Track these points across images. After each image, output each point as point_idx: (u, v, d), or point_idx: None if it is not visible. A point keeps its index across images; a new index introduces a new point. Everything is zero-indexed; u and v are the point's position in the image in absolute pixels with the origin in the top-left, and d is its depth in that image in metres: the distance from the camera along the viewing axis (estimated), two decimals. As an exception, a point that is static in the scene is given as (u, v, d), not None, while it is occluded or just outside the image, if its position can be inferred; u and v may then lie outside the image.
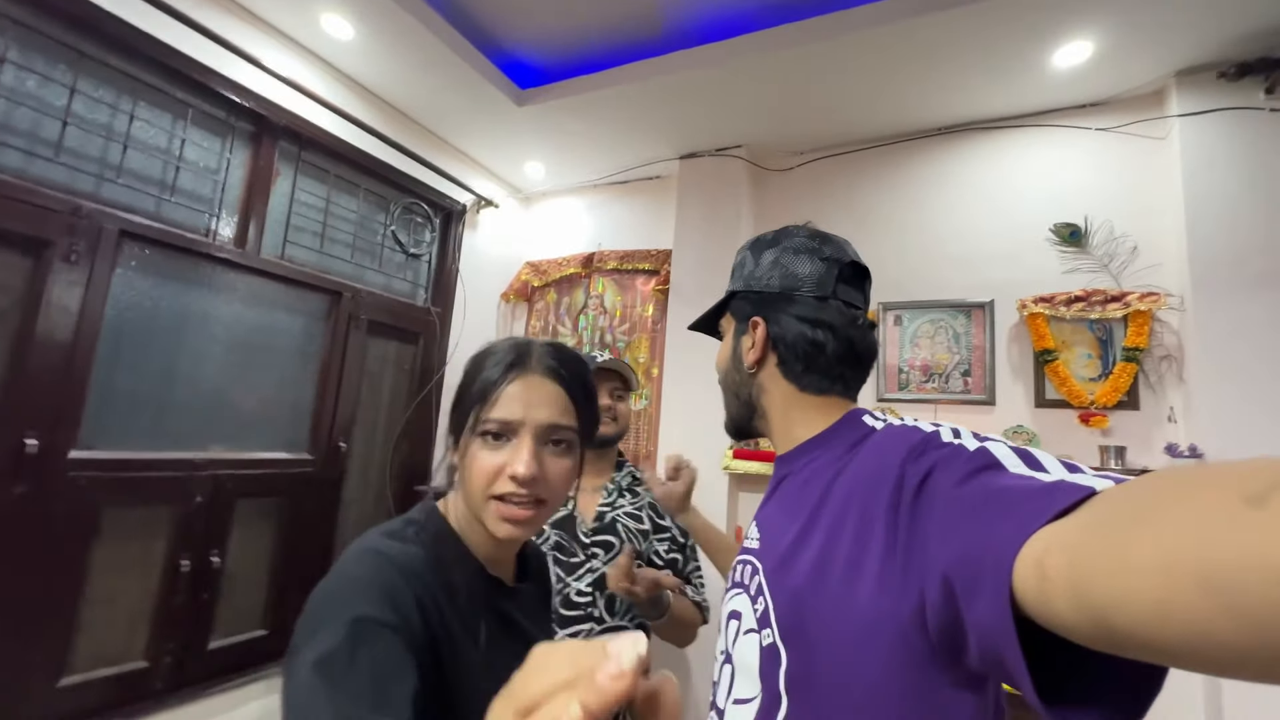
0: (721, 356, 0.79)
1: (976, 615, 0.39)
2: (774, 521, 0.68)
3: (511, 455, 0.62)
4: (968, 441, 0.51)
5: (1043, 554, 0.33)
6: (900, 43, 1.83)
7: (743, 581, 0.67)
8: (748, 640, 0.61)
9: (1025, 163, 2.14)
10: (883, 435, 0.60)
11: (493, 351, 0.67)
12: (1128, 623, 0.27)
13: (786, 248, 0.73)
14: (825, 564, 0.55)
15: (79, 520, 1.52)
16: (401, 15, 1.86)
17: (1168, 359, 1.84)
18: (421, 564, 0.60)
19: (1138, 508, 0.30)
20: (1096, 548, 0.30)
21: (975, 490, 0.44)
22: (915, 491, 0.49)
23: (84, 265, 1.53)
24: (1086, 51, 1.79)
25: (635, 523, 1.35)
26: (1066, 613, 0.31)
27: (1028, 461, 0.45)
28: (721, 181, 2.52)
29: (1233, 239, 1.74)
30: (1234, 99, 1.77)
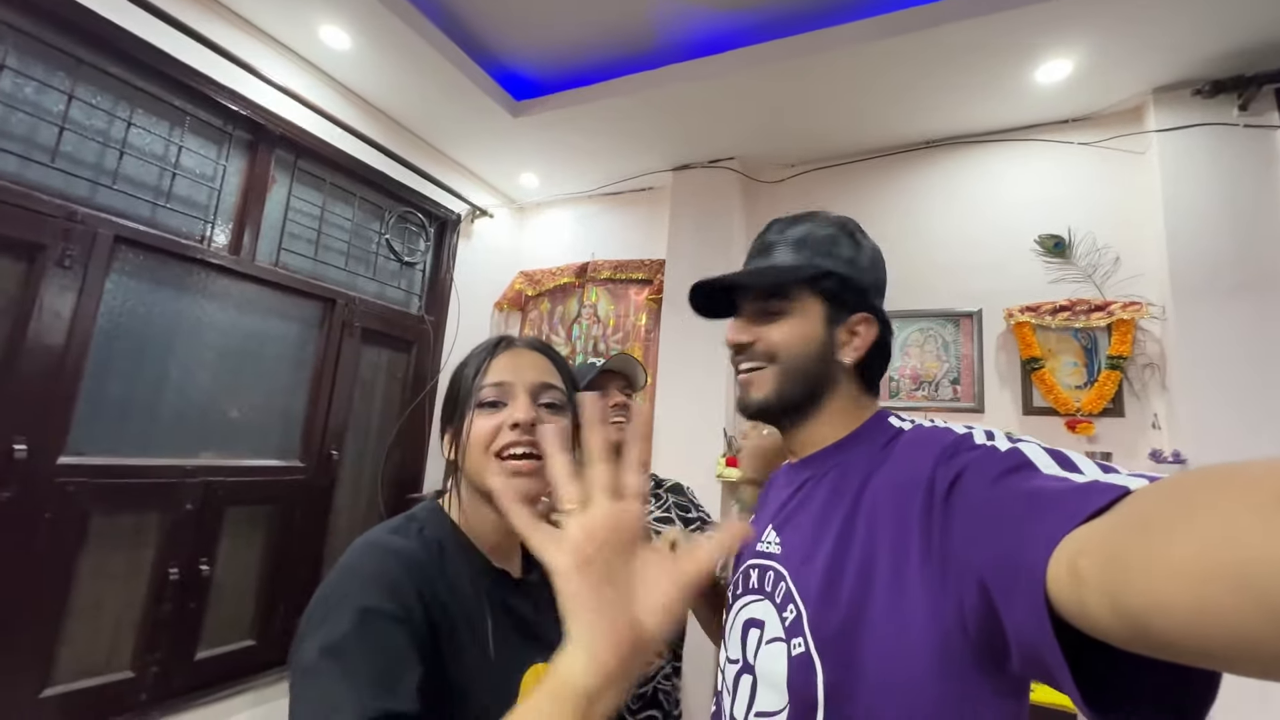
0: (803, 337, 0.68)
1: (1015, 619, 0.39)
2: (800, 527, 0.65)
3: (508, 411, 0.67)
4: (1000, 442, 0.50)
5: (1075, 556, 0.33)
6: (888, 59, 1.88)
7: (763, 588, 0.65)
8: (773, 649, 0.59)
9: (1010, 175, 2.19)
10: (913, 436, 0.60)
11: (479, 346, 0.74)
12: (1164, 626, 0.27)
13: (875, 246, 0.72)
14: (868, 573, 0.53)
15: (66, 527, 1.50)
16: (399, 27, 1.89)
17: (1150, 367, 1.88)
18: (423, 558, 0.61)
19: (1170, 508, 0.29)
20: (1129, 550, 0.29)
21: (1007, 492, 0.43)
22: (946, 494, 0.49)
23: (77, 270, 1.53)
24: (1066, 69, 1.85)
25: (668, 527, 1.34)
26: (1103, 617, 0.30)
27: (1061, 462, 0.44)
28: (714, 193, 2.55)
29: (1211, 250, 1.79)
30: (1209, 115, 1.83)
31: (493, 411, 0.67)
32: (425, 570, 0.60)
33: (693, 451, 2.32)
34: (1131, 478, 0.37)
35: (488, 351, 0.71)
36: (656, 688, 1.19)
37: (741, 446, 1.11)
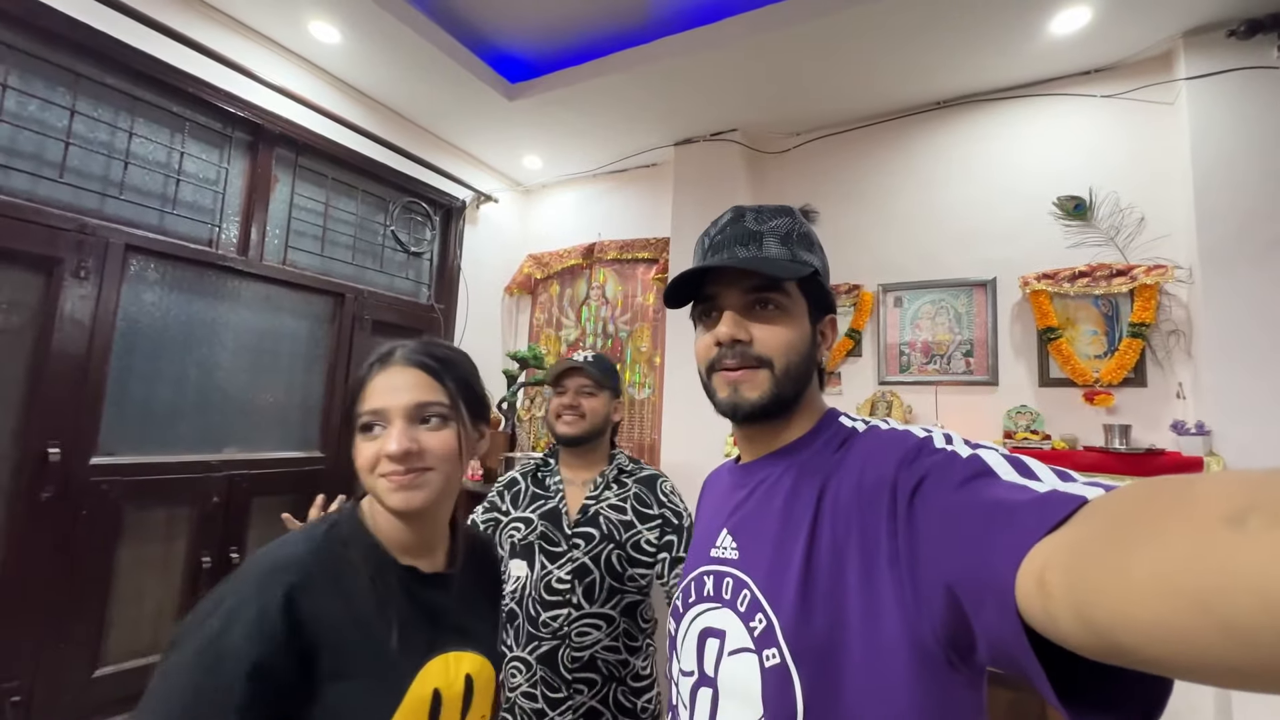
0: (794, 336, 0.67)
1: (986, 626, 0.40)
2: (759, 532, 0.63)
3: (383, 440, 0.68)
4: (960, 448, 0.51)
5: (1041, 570, 0.34)
6: (891, 17, 1.78)
7: (720, 596, 0.63)
8: (739, 661, 0.58)
9: (1026, 135, 2.07)
10: (870, 439, 0.59)
11: (367, 360, 0.74)
12: (1132, 641, 0.28)
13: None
14: (839, 579, 0.53)
15: (104, 523, 1.61)
16: (386, 18, 1.87)
17: (1176, 334, 1.79)
18: (313, 568, 0.65)
19: (1128, 522, 0.30)
20: (1093, 566, 0.30)
21: (970, 498, 0.44)
22: (909, 498, 0.49)
23: (93, 280, 1.60)
24: (1085, 17, 1.72)
25: (618, 514, 1.37)
26: (1072, 630, 0.31)
27: (1020, 469, 0.45)
28: (717, 167, 2.49)
29: (1242, 206, 1.67)
30: (1245, 59, 1.69)
31: (372, 436, 0.68)
32: (312, 585, 0.64)
33: (700, 430, 2.32)
34: (1087, 486, 0.39)
35: (365, 369, 0.72)
36: (595, 655, 1.26)
37: None
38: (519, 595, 1.30)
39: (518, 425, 2.72)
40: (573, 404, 1.37)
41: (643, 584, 1.35)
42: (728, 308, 0.66)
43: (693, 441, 2.34)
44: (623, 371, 2.71)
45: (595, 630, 1.27)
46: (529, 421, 2.78)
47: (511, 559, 1.33)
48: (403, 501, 0.68)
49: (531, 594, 1.28)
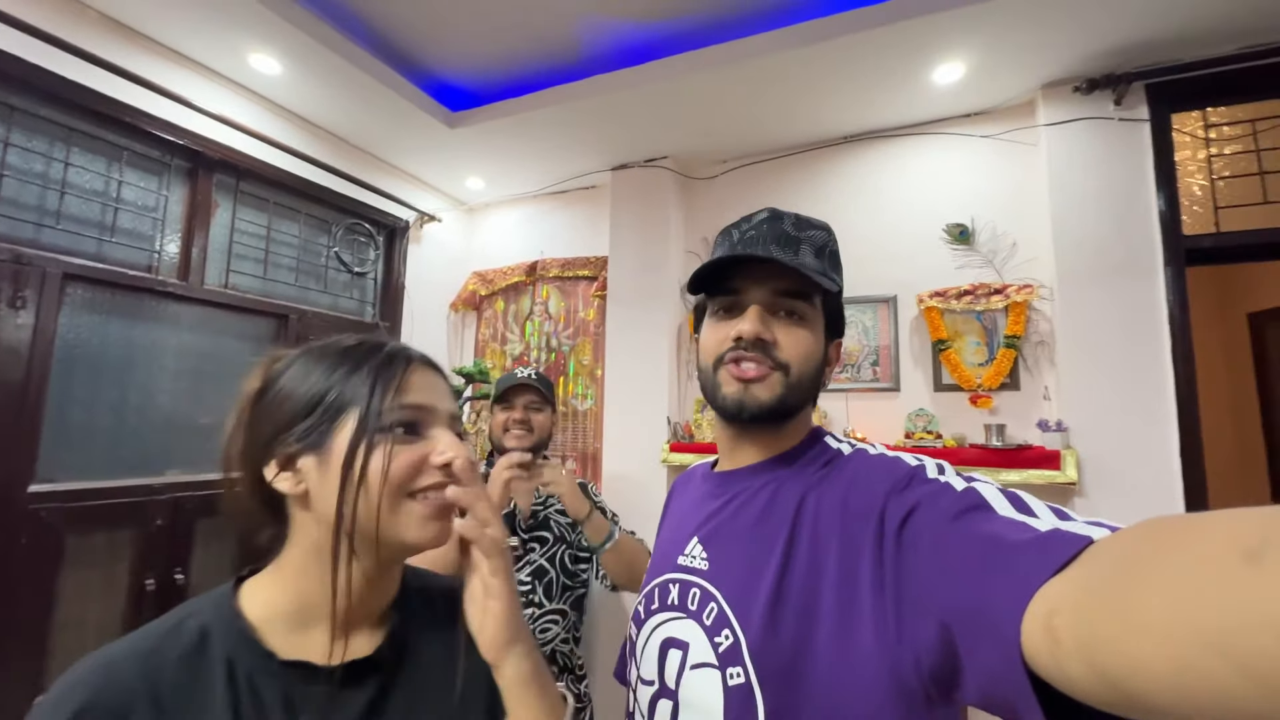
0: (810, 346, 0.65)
1: (982, 666, 0.39)
2: (731, 545, 0.61)
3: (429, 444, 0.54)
4: (953, 480, 0.50)
5: (1049, 615, 0.33)
6: (798, 65, 2.00)
7: (685, 606, 0.61)
8: (701, 676, 0.56)
9: (919, 168, 2.34)
10: (859, 462, 0.58)
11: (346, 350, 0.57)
12: (1144, 689, 0.26)
13: None
14: (813, 602, 0.52)
15: (43, 550, 1.62)
16: (325, 53, 1.95)
17: (1042, 344, 2.07)
18: (125, 690, 0.46)
19: (1139, 564, 0.29)
20: (1104, 611, 0.29)
21: (966, 533, 0.43)
22: (899, 527, 0.48)
23: (30, 309, 1.61)
24: (960, 71, 1.99)
25: (564, 517, 1.52)
26: (1082, 678, 0.30)
27: (1017, 505, 0.44)
28: (651, 190, 2.67)
29: (1091, 235, 1.97)
30: (1089, 110, 1.99)
31: (406, 440, 0.52)
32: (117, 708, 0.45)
33: (638, 438, 2.48)
34: (1090, 526, 0.38)
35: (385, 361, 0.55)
36: (555, 649, 1.39)
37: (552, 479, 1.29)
38: None
39: (464, 438, 2.80)
40: (522, 419, 1.47)
41: (584, 578, 1.50)
42: (756, 303, 0.63)
43: (631, 449, 2.50)
44: (566, 384, 2.84)
45: (554, 625, 1.40)
46: (476, 435, 2.87)
47: None
48: (441, 536, 0.53)
49: None
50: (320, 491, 0.51)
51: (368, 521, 0.51)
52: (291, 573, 0.54)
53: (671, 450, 2.41)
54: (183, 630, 0.50)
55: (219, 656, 0.49)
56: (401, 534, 0.52)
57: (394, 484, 0.51)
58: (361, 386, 0.53)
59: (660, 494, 2.42)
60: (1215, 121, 1.93)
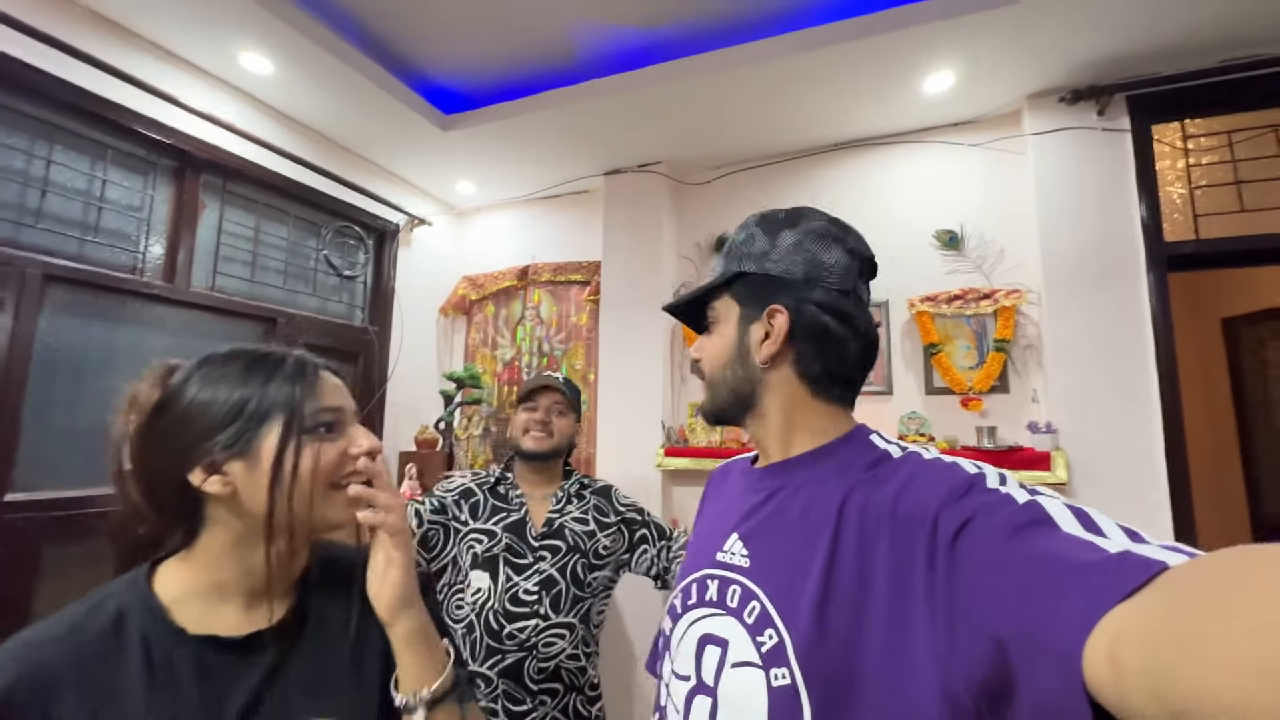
0: (720, 347, 0.68)
1: (1039, 688, 0.37)
2: (773, 540, 0.60)
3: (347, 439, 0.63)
4: (1015, 491, 0.47)
5: (1115, 642, 0.32)
6: (792, 73, 2.03)
7: (725, 603, 0.60)
8: (744, 675, 0.55)
9: (910, 175, 2.38)
10: (911, 466, 0.56)
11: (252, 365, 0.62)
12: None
13: (809, 230, 0.65)
14: (861, 607, 0.51)
15: (21, 561, 1.56)
16: (319, 52, 1.92)
17: (1030, 348, 2.11)
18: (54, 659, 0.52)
19: (1217, 594, 0.28)
20: (1175, 641, 0.28)
21: (1029, 550, 0.41)
22: (953, 536, 0.46)
23: (8, 310, 1.56)
24: (949, 80, 2.03)
25: (581, 525, 1.43)
26: (1145, 708, 0.29)
27: (1084, 522, 0.42)
28: (644, 195, 2.67)
29: (1076, 242, 2.02)
30: (1073, 120, 2.04)
31: (328, 438, 0.61)
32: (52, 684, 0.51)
33: (632, 443, 2.47)
34: (1165, 550, 0.36)
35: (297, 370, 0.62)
36: (559, 665, 1.29)
37: None
38: (479, 608, 1.28)
39: (455, 444, 2.77)
40: (544, 420, 1.41)
41: (598, 587, 1.40)
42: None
43: (625, 454, 2.48)
44: (558, 389, 2.82)
45: (560, 640, 1.30)
46: (466, 440, 2.83)
47: (472, 570, 1.32)
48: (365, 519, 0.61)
49: (495, 606, 1.27)
50: (249, 489, 0.57)
51: (301, 510, 0.58)
52: (206, 559, 0.60)
53: (666, 455, 2.40)
54: (100, 611, 0.56)
55: (135, 633, 0.55)
56: (331, 517, 0.61)
57: (324, 476, 0.60)
58: (279, 394, 0.60)
59: (655, 496, 2.41)
60: (1193, 133, 2.00)
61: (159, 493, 0.59)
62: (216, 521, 0.60)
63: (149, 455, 0.60)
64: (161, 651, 0.55)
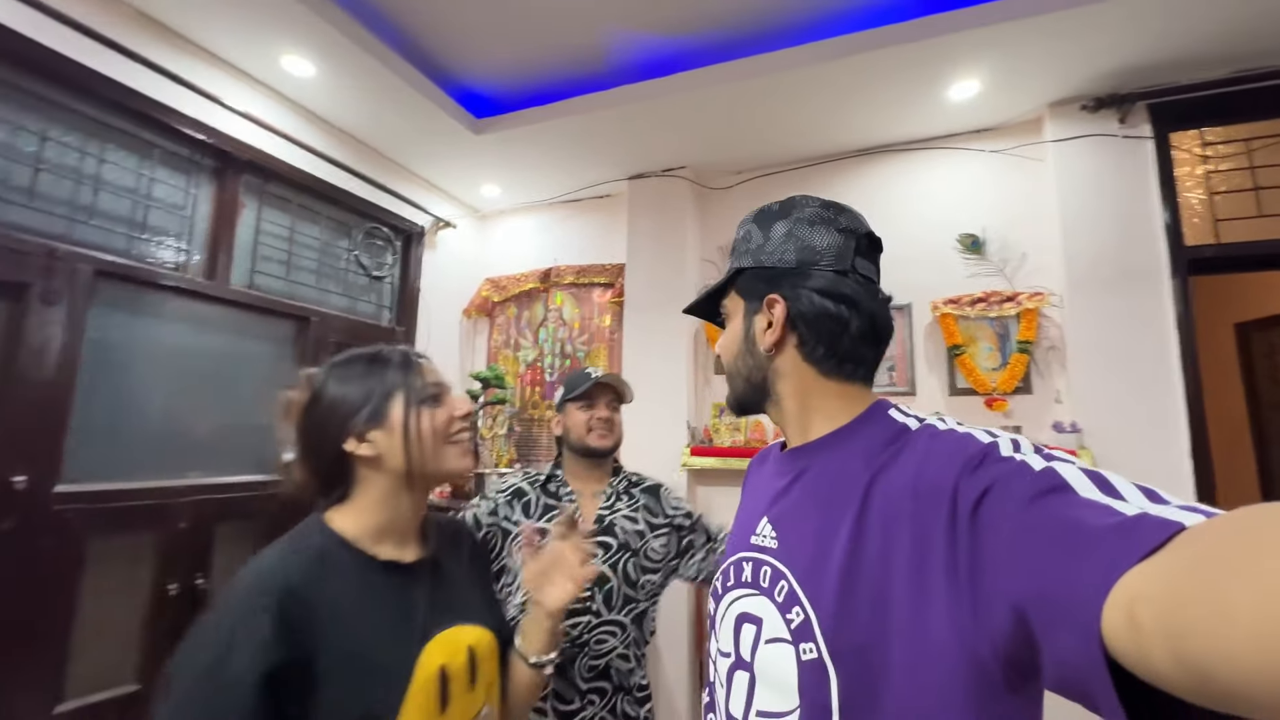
0: (730, 340, 0.72)
1: (1059, 652, 0.38)
2: (799, 522, 0.62)
3: (449, 405, 0.83)
4: (1030, 458, 0.48)
5: (1133, 602, 0.32)
6: (820, 81, 2.08)
7: (758, 583, 0.62)
8: (776, 650, 0.57)
9: (933, 181, 2.43)
10: (928, 438, 0.57)
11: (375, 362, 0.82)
12: (1230, 681, 0.26)
13: (799, 218, 0.67)
14: (885, 583, 0.51)
15: (67, 552, 1.57)
16: (361, 55, 1.97)
17: (1053, 349, 2.15)
18: (297, 580, 0.69)
19: (1235, 552, 0.28)
20: (1193, 599, 0.28)
21: (1046, 516, 0.41)
22: (973, 508, 0.47)
23: (61, 305, 1.58)
24: (975, 88, 2.08)
25: (631, 524, 1.42)
26: (1164, 667, 0.29)
27: (1101, 486, 0.42)
28: (668, 199, 2.72)
29: (1097, 246, 2.06)
30: (1095, 127, 2.10)
31: (437, 405, 0.80)
32: (299, 595, 0.68)
33: (658, 443, 2.50)
34: (1183, 511, 0.36)
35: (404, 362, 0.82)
36: (610, 664, 1.29)
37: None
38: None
39: (481, 444, 2.79)
40: (607, 417, 1.41)
41: (651, 590, 1.40)
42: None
43: (650, 454, 2.50)
44: (581, 390, 2.85)
45: (611, 637, 1.29)
46: (491, 440, 2.85)
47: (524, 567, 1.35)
48: (469, 462, 0.85)
49: None
50: (387, 449, 0.77)
51: (427, 460, 0.78)
52: (364, 508, 0.79)
53: (692, 454, 2.43)
54: (306, 548, 0.74)
55: (337, 559, 0.74)
56: (448, 465, 0.81)
57: (438, 434, 0.79)
58: (396, 377, 0.80)
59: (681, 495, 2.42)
60: (1211, 140, 2.05)
61: (323, 463, 0.79)
62: (366, 479, 0.79)
63: (312, 437, 0.79)
64: (360, 571, 0.75)
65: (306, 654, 0.67)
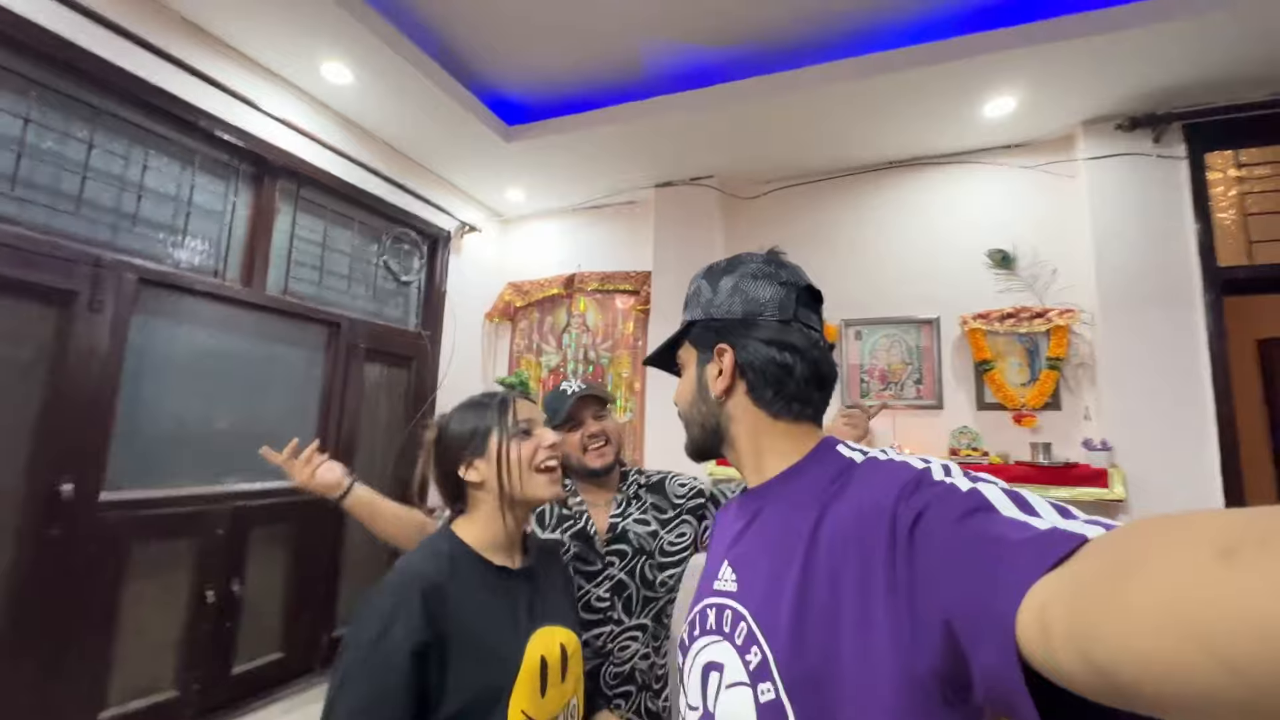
0: (684, 389, 0.76)
1: (984, 664, 0.39)
2: (755, 563, 0.64)
3: (538, 437, 0.96)
4: (959, 481, 0.51)
5: (1042, 607, 0.34)
6: (854, 96, 2.08)
7: (720, 628, 0.63)
8: (735, 695, 0.58)
9: (963, 195, 2.44)
10: (868, 471, 0.60)
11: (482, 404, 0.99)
12: (1132, 679, 0.27)
13: (744, 274, 0.72)
14: (834, 613, 0.53)
15: (110, 560, 1.58)
16: (399, 63, 1.97)
17: (1083, 366, 2.17)
18: (436, 578, 0.86)
19: (1127, 559, 0.30)
20: (1093, 603, 0.30)
21: (971, 534, 0.44)
22: (909, 531, 0.49)
23: (106, 313, 1.58)
24: (1011, 105, 2.09)
25: (643, 527, 1.41)
26: (1072, 668, 0.31)
27: (1019, 504, 0.45)
28: (695, 208, 2.72)
29: (1131, 262, 2.07)
30: (1129, 146, 2.11)
31: (527, 437, 0.95)
32: (438, 588, 0.84)
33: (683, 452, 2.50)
34: (1087, 524, 0.39)
35: (501, 401, 0.98)
36: (634, 667, 1.30)
37: None
38: None
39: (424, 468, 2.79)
40: (598, 432, 1.38)
41: (670, 584, 1.40)
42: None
43: (673, 460, 2.51)
44: (605, 396, 2.85)
45: (634, 642, 1.30)
46: (514, 445, 2.86)
47: None
48: (559, 490, 0.97)
49: None
50: (489, 476, 0.93)
51: (517, 485, 0.93)
52: (476, 522, 0.95)
53: (717, 464, 2.44)
54: (440, 551, 0.90)
55: (463, 562, 0.90)
56: (536, 493, 0.94)
57: (526, 462, 0.93)
58: (494, 415, 0.96)
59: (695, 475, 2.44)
60: (1246, 161, 2.06)
61: (447, 484, 0.97)
62: (477, 499, 0.95)
63: (439, 465, 0.98)
64: (480, 573, 0.90)
65: (443, 636, 0.82)
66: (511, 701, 0.86)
